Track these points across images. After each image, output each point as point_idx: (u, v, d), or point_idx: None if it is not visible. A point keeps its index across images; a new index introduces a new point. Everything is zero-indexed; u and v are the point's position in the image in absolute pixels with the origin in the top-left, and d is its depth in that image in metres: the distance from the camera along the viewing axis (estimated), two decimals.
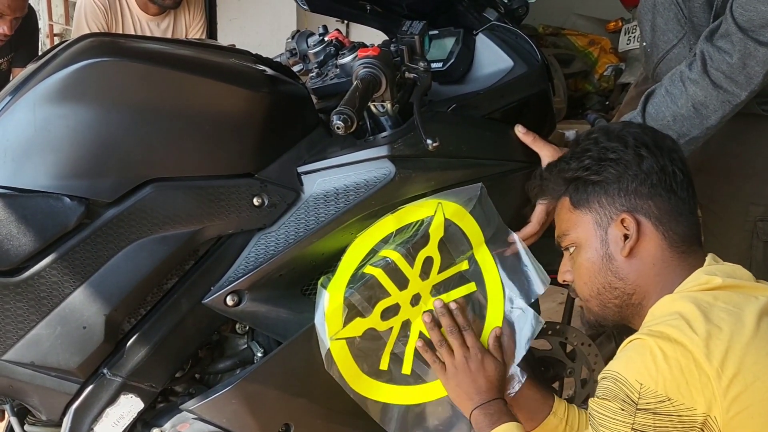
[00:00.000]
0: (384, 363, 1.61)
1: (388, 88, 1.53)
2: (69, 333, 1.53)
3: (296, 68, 1.90)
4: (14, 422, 1.67)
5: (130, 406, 1.60)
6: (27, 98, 1.50)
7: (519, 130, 1.75)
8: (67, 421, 1.60)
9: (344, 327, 1.55)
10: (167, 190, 1.54)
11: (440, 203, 1.62)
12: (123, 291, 1.54)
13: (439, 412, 1.67)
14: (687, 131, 1.68)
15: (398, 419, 1.63)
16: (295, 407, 1.67)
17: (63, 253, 1.50)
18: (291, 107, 1.65)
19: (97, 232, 1.51)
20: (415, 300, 1.62)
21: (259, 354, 1.68)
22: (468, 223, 1.65)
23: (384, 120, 1.64)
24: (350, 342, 1.57)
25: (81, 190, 1.50)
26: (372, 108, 1.62)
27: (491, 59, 1.84)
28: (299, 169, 1.63)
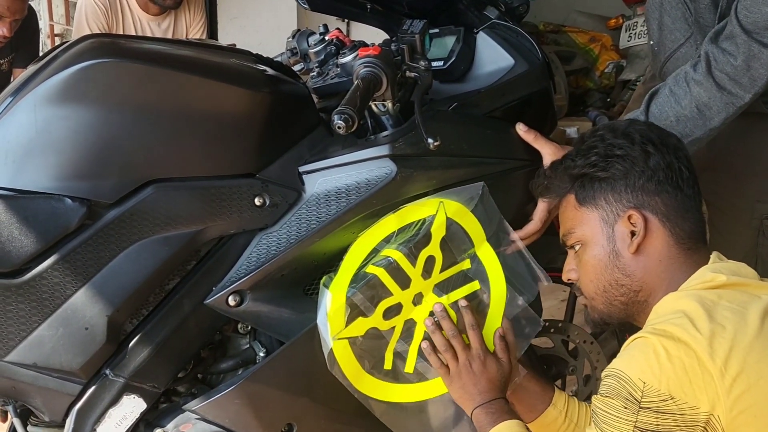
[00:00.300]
0: (387, 362, 1.61)
1: (389, 87, 1.53)
2: (71, 334, 1.53)
3: (297, 68, 1.90)
4: (17, 423, 1.68)
5: (133, 407, 1.60)
6: (28, 99, 1.50)
7: (520, 128, 1.75)
8: (70, 422, 1.60)
9: (347, 327, 1.55)
10: (169, 191, 1.54)
11: (442, 202, 1.62)
12: (125, 292, 1.54)
13: (442, 411, 1.67)
14: (690, 132, 1.68)
15: (402, 418, 1.63)
16: (298, 407, 1.67)
17: (65, 255, 1.51)
18: (292, 107, 1.65)
19: (99, 233, 1.51)
20: (418, 299, 1.62)
21: (262, 354, 1.68)
22: (470, 222, 1.64)
23: (385, 119, 1.64)
24: (353, 341, 1.57)
25: (82, 192, 1.50)
26: (373, 107, 1.62)
27: (492, 57, 1.84)
28: (300, 169, 1.63)
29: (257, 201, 1.59)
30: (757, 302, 1.28)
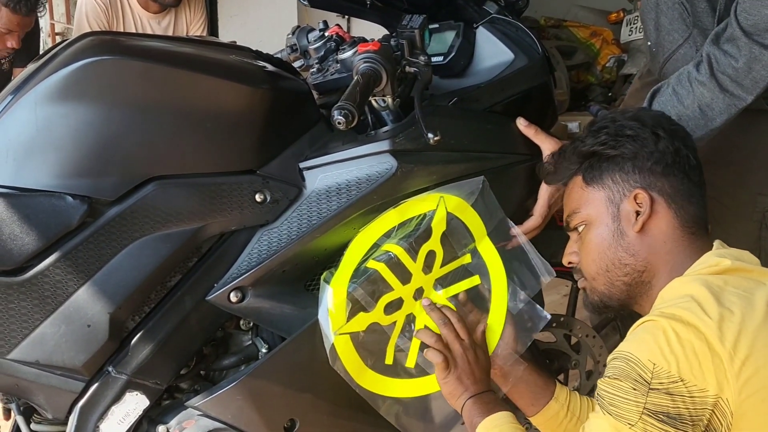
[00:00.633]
0: (389, 357, 1.61)
1: (389, 83, 1.53)
2: (73, 331, 1.54)
3: (297, 64, 1.90)
4: (20, 421, 1.68)
5: (136, 404, 1.61)
6: (28, 98, 1.50)
7: (520, 123, 1.75)
8: (73, 420, 1.60)
9: (348, 322, 1.55)
10: (169, 188, 1.54)
11: (442, 197, 1.62)
12: (127, 289, 1.54)
13: (445, 406, 1.67)
14: (692, 131, 1.68)
15: (403, 413, 1.63)
16: (300, 402, 1.67)
17: (66, 252, 1.51)
18: (292, 103, 1.65)
19: (100, 231, 1.51)
20: (419, 294, 1.62)
21: (264, 350, 1.68)
22: (470, 217, 1.65)
23: (385, 114, 1.64)
24: (354, 337, 1.57)
25: (83, 189, 1.50)
26: (373, 103, 1.62)
27: (492, 52, 1.84)
28: (301, 165, 1.63)
29: (258, 197, 1.59)
30: (763, 288, 1.29)
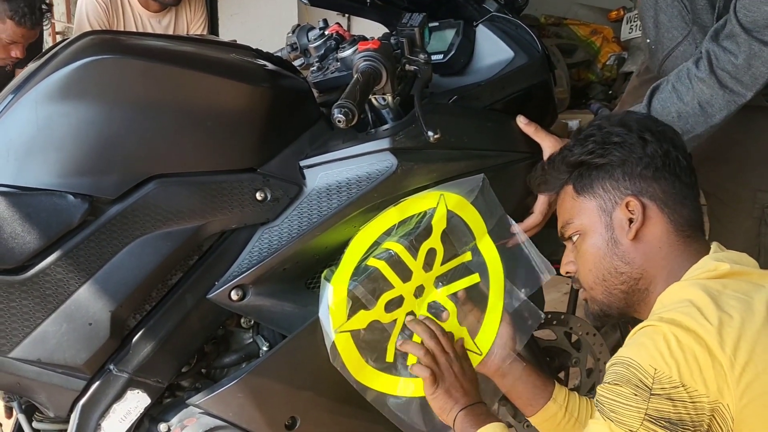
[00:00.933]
0: (389, 355, 1.62)
1: (389, 81, 1.53)
2: (75, 330, 1.54)
3: (297, 62, 1.90)
4: (22, 419, 1.68)
5: (137, 402, 1.61)
6: (29, 97, 1.50)
7: (521, 121, 1.75)
8: (75, 418, 1.60)
9: (348, 320, 1.56)
10: (170, 186, 1.54)
11: (442, 195, 1.62)
12: (128, 287, 1.54)
13: None
14: (691, 128, 1.69)
15: (403, 411, 1.63)
16: (301, 400, 1.67)
17: (67, 251, 1.51)
18: (292, 101, 1.65)
19: (101, 229, 1.52)
20: (419, 291, 1.63)
21: (265, 348, 1.68)
22: (470, 215, 1.65)
23: (385, 113, 1.64)
24: (355, 335, 1.57)
25: (84, 188, 1.50)
26: (373, 101, 1.62)
27: (492, 50, 1.84)
28: (301, 163, 1.63)
29: (258, 195, 1.59)
30: (762, 291, 1.28)
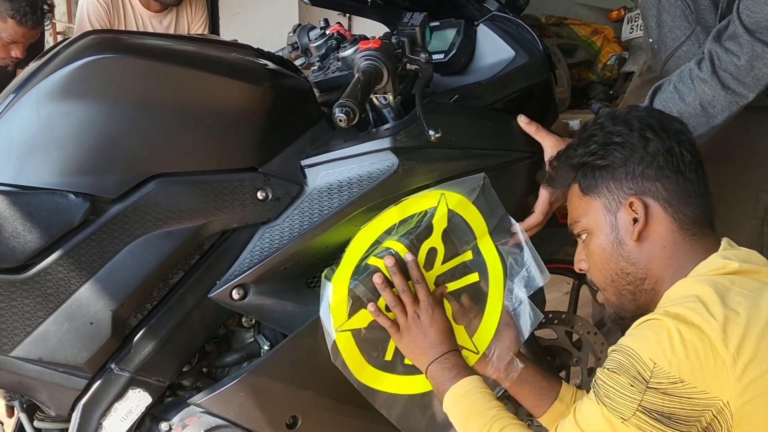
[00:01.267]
0: (389, 353, 1.62)
1: (390, 80, 1.53)
2: (76, 329, 1.54)
3: (298, 62, 1.91)
4: (23, 418, 1.68)
5: (138, 401, 1.61)
6: (30, 96, 1.50)
7: (521, 120, 1.75)
8: (76, 417, 1.60)
9: (349, 319, 1.56)
10: (171, 186, 1.54)
11: (443, 194, 1.62)
12: (129, 286, 1.54)
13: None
14: (693, 129, 1.68)
15: (402, 410, 1.63)
16: (303, 399, 1.67)
17: (69, 250, 1.51)
18: (293, 101, 1.65)
19: (103, 228, 1.52)
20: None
21: (266, 347, 1.68)
22: (471, 214, 1.65)
23: (386, 112, 1.64)
24: (356, 334, 1.57)
25: (85, 187, 1.50)
26: (374, 100, 1.62)
27: (493, 50, 1.84)
28: (302, 163, 1.63)
29: (260, 195, 1.59)
30: None
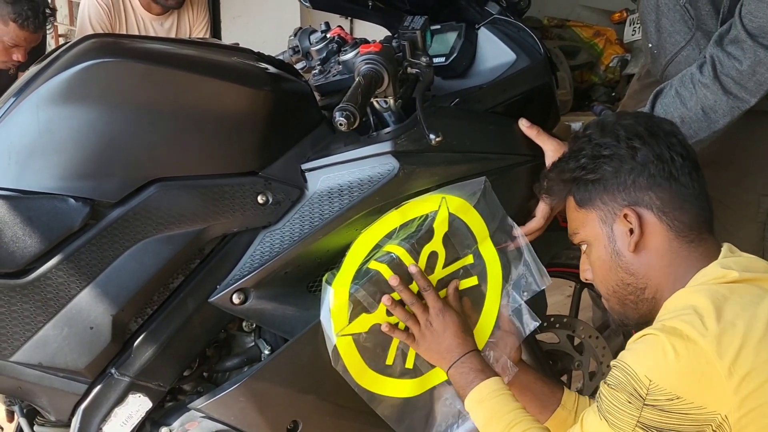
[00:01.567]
0: (390, 358, 1.61)
1: (391, 84, 1.53)
2: (76, 333, 1.54)
3: (299, 65, 1.90)
4: (23, 423, 1.68)
5: (139, 406, 1.61)
6: (30, 100, 1.50)
7: (523, 124, 1.74)
8: (76, 422, 1.60)
9: (350, 323, 1.55)
10: (171, 190, 1.54)
11: (444, 198, 1.62)
12: (129, 291, 1.54)
13: (444, 408, 1.67)
14: (694, 134, 1.68)
15: (403, 414, 1.63)
16: (303, 404, 1.67)
17: (69, 254, 1.51)
18: (294, 105, 1.65)
19: (103, 233, 1.52)
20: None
21: (266, 351, 1.68)
22: (472, 218, 1.64)
23: (387, 116, 1.64)
24: (356, 338, 1.57)
25: (86, 191, 1.50)
26: (375, 104, 1.62)
27: (494, 53, 1.84)
28: (303, 167, 1.63)
29: (260, 199, 1.59)
30: None
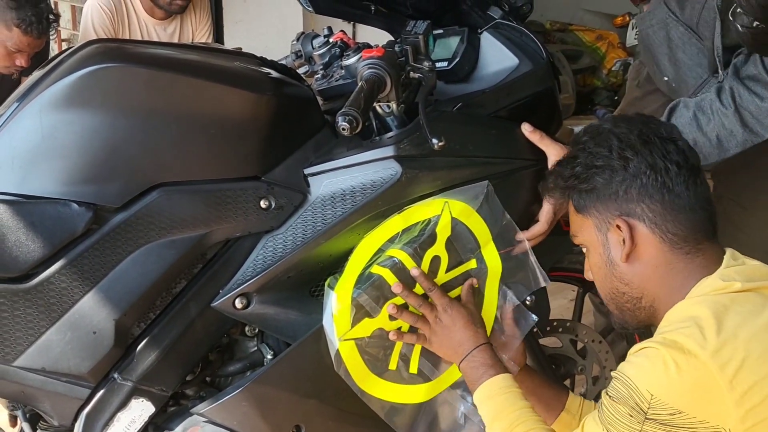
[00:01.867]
0: (393, 363, 1.61)
1: (393, 88, 1.53)
2: (79, 338, 1.54)
3: (301, 70, 1.90)
4: (26, 428, 1.68)
5: (141, 411, 1.61)
6: (33, 105, 1.50)
7: (525, 129, 1.74)
8: (79, 426, 1.60)
9: (352, 328, 1.55)
10: (174, 195, 1.54)
11: (447, 202, 1.62)
12: (132, 295, 1.54)
13: (448, 413, 1.67)
14: (704, 158, 1.66)
15: (406, 419, 1.63)
16: (306, 409, 1.67)
17: (72, 259, 1.51)
18: (296, 109, 1.65)
19: (106, 238, 1.52)
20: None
21: (269, 356, 1.68)
22: (475, 222, 1.64)
23: (390, 120, 1.64)
24: (359, 343, 1.57)
25: (88, 196, 1.51)
26: (377, 108, 1.62)
27: (496, 57, 1.83)
28: (306, 171, 1.62)
29: (263, 203, 1.59)
30: None
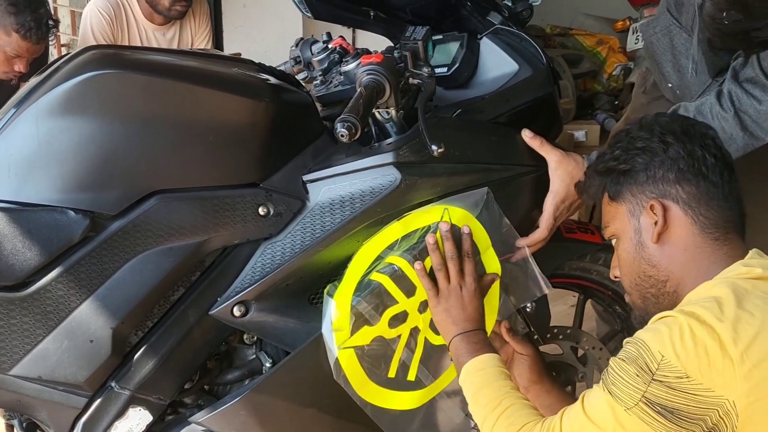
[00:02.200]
0: (392, 370, 1.60)
1: (392, 95, 1.52)
2: (76, 347, 1.53)
3: (300, 76, 1.90)
4: None
5: (139, 419, 1.60)
6: (30, 112, 1.50)
7: (526, 134, 1.73)
8: None
9: (352, 336, 1.54)
10: (172, 202, 1.53)
11: (446, 209, 1.61)
12: (129, 303, 1.54)
13: (445, 419, 1.66)
14: None
15: (405, 426, 1.62)
16: (305, 417, 1.66)
17: (69, 267, 1.51)
18: (295, 115, 1.64)
19: (103, 245, 1.51)
20: (423, 307, 1.61)
21: (268, 364, 1.67)
22: (475, 228, 1.63)
23: (389, 126, 1.63)
24: (358, 351, 1.56)
25: (85, 203, 1.50)
26: (376, 115, 1.61)
27: (496, 63, 1.83)
28: (304, 178, 1.62)
29: (261, 210, 1.58)
30: None
